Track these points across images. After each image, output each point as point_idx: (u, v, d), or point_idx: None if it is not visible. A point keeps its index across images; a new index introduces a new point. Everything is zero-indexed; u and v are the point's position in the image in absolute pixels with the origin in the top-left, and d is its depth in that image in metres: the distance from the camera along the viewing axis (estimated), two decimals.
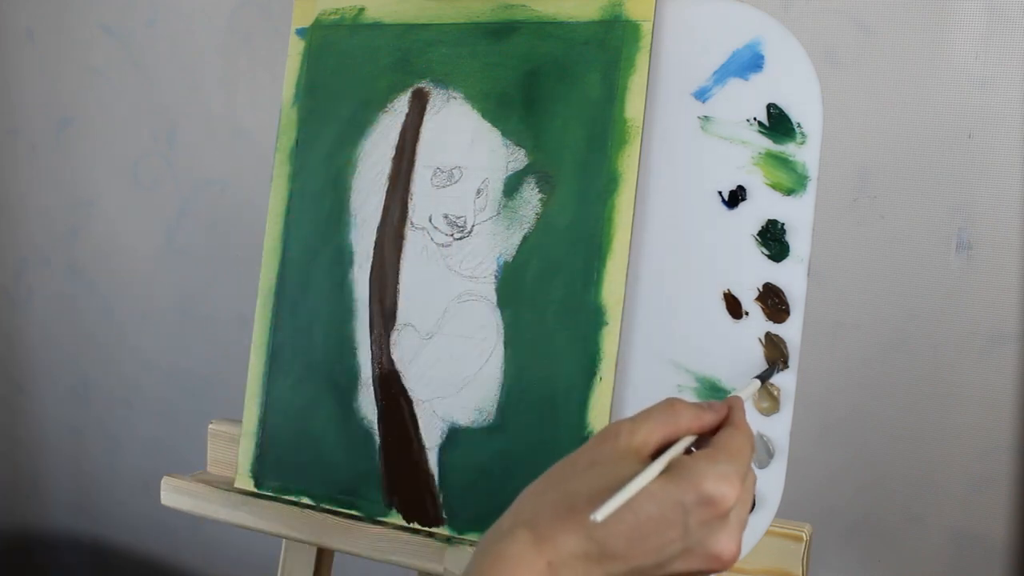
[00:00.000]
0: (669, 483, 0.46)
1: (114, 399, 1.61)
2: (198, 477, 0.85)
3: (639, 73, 0.70)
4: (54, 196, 1.61)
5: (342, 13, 0.81)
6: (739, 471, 0.46)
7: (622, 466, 0.47)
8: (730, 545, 0.46)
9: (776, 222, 0.66)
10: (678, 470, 0.46)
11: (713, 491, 0.45)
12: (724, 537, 0.46)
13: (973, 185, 0.97)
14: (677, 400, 0.51)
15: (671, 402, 0.50)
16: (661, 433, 0.49)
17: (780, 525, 0.65)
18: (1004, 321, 0.97)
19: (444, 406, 0.74)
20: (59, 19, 1.55)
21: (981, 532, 1.00)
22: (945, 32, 0.96)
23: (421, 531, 0.74)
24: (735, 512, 0.47)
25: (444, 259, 0.75)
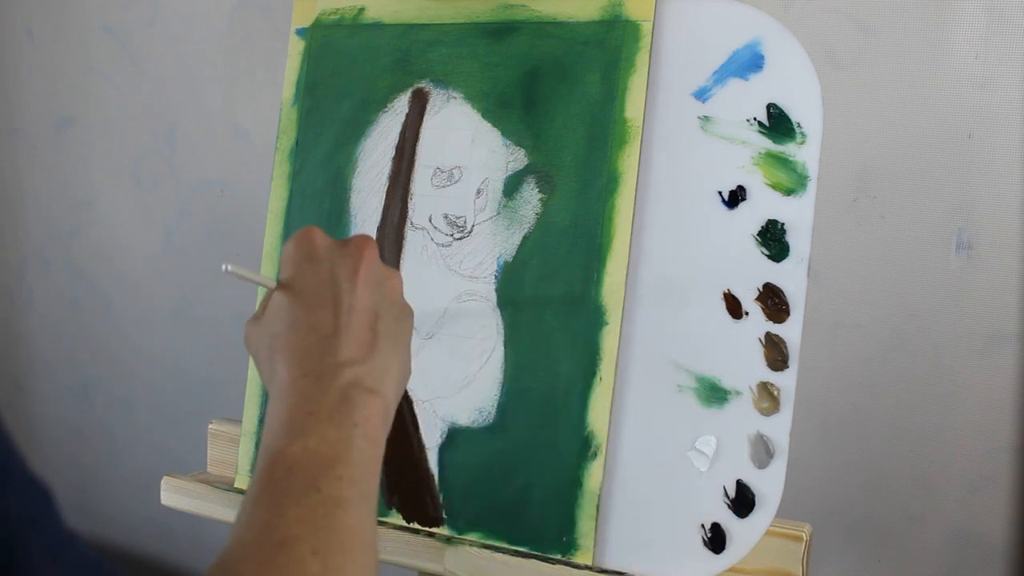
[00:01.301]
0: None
1: (114, 399, 1.61)
2: (198, 477, 0.85)
3: (639, 73, 0.70)
4: (54, 196, 1.61)
5: (342, 13, 0.81)
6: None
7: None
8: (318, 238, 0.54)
9: (776, 222, 0.66)
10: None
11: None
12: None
13: (973, 185, 0.97)
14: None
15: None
16: None
17: (780, 525, 0.65)
18: (1004, 321, 0.97)
19: (444, 406, 0.74)
20: (59, 19, 1.55)
21: (981, 532, 1.00)
22: (945, 32, 0.96)
23: (421, 531, 0.74)
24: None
25: (444, 259, 0.75)
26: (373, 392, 0.50)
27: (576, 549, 0.69)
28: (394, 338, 0.54)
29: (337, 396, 0.49)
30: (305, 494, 0.45)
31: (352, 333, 0.51)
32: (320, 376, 0.50)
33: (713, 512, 0.66)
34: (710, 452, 0.66)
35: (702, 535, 0.66)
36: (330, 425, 0.48)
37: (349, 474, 0.47)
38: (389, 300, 0.54)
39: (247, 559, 0.43)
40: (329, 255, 0.53)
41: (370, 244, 0.54)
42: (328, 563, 0.43)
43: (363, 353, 0.51)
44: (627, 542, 0.68)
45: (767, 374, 0.66)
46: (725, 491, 0.66)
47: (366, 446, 0.49)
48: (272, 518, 0.44)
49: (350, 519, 0.46)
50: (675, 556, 0.67)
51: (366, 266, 0.53)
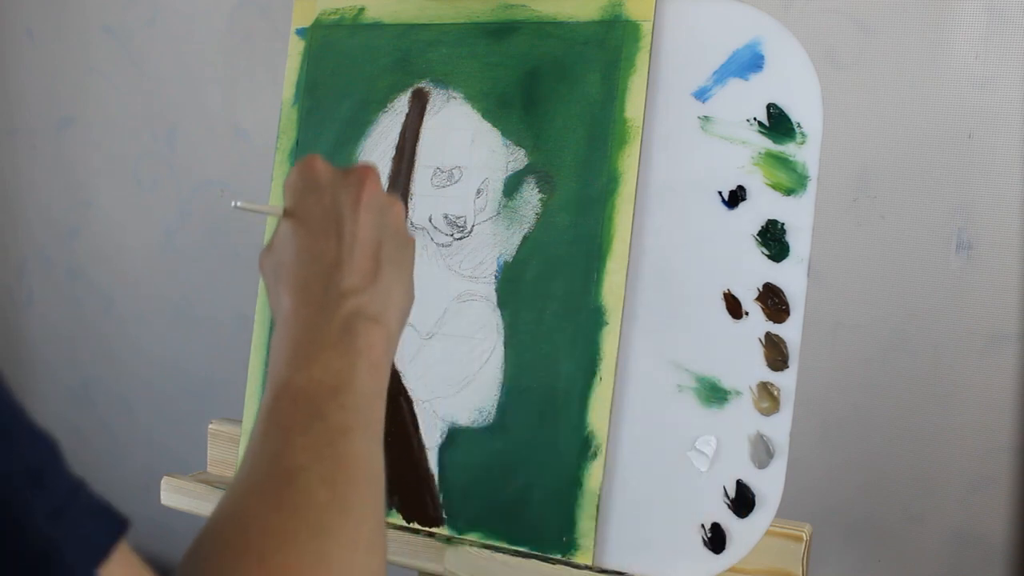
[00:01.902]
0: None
1: (114, 399, 1.61)
2: (198, 477, 0.85)
3: (639, 73, 0.70)
4: (54, 196, 1.61)
5: (342, 13, 0.81)
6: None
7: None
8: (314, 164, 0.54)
9: (776, 222, 0.66)
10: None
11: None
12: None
13: (973, 185, 0.97)
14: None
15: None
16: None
17: (780, 525, 0.65)
18: (1004, 321, 0.97)
19: (444, 406, 0.74)
20: (59, 19, 1.55)
21: (981, 532, 1.00)
22: (945, 32, 0.96)
23: (421, 531, 0.74)
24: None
25: (444, 259, 0.75)
26: (376, 320, 0.50)
27: (576, 549, 0.69)
28: (396, 266, 0.54)
29: (340, 325, 0.49)
30: (310, 423, 0.45)
31: (355, 262, 0.51)
32: (323, 306, 0.50)
33: (713, 512, 0.66)
34: (710, 452, 0.66)
35: (702, 535, 0.66)
36: (333, 354, 0.48)
37: (353, 402, 0.47)
38: (391, 228, 0.54)
39: (256, 490, 0.43)
40: (331, 184, 0.53)
41: (372, 173, 0.54)
42: (336, 491, 0.44)
43: (365, 282, 0.51)
44: (627, 542, 0.68)
45: (767, 374, 0.66)
46: (725, 491, 0.66)
47: (370, 374, 0.49)
48: (279, 448, 0.45)
49: (356, 447, 0.46)
50: (675, 556, 0.67)
51: (368, 194, 0.53)
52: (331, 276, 0.51)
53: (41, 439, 0.32)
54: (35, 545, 0.30)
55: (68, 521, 0.31)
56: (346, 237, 0.51)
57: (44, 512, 0.31)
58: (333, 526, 0.42)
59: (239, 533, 0.42)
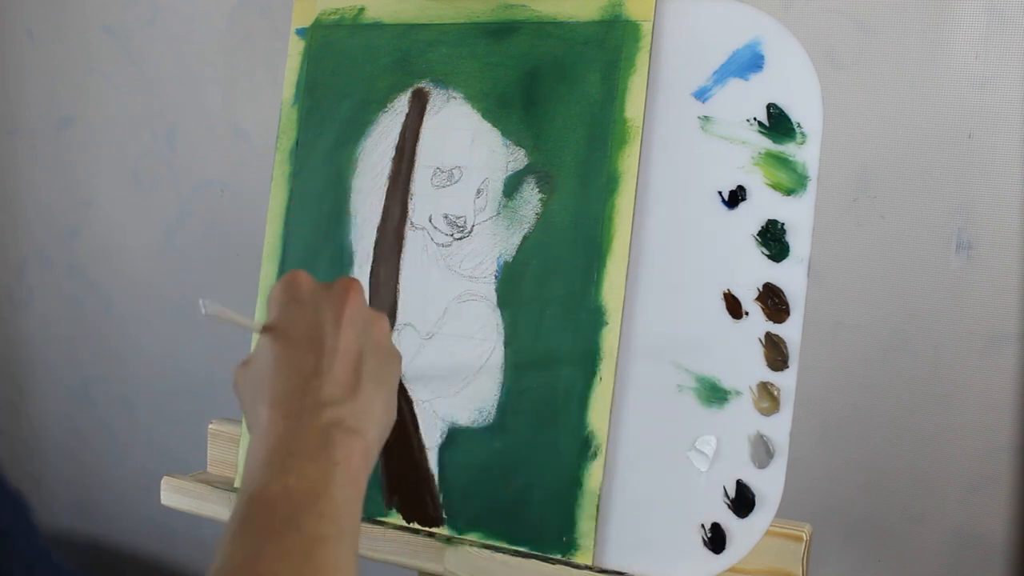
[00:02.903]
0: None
1: (114, 399, 1.61)
2: (198, 477, 0.85)
3: (639, 73, 0.70)
4: (54, 196, 1.61)
5: (342, 13, 0.81)
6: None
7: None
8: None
9: (776, 222, 0.66)
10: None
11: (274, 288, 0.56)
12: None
13: (973, 185, 0.97)
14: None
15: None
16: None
17: (780, 525, 0.65)
18: (1004, 321, 0.97)
19: (444, 406, 0.74)
20: (59, 19, 1.55)
21: (981, 532, 1.00)
22: (945, 32, 0.96)
23: (421, 531, 0.74)
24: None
25: (444, 259, 0.75)
26: (354, 432, 0.50)
27: (576, 549, 0.69)
28: (378, 380, 0.54)
29: (318, 435, 0.49)
30: (285, 531, 0.45)
31: (335, 374, 0.51)
32: (301, 415, 0.50)
33: (713, 512, 0.66)
34: (710, 452, 0.66)
35: (702, 535, 0.66)
36: (310, 464, 0.48)
37: (330, 512, 0.47)
38: (374, 343, 0.54)
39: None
40: (314, 297, 0.54)
41: (355, 286, 0.54)
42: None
43: (345, 393, 0.51)
44: (627, 542, 0.68)
45: (767, 374, 0.66)
46: (725, 491, 0.66)
47: (346, 485, 0.49)
48: (251, 555, 0.44)
49: (330, 557, 0.46)
50: (675, 556, 0.67)
51: (351, 308, 0.53)
52: (310, 386, 0.50)
53: (13, 499, 0.32)
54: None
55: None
56: (327, 349, 0.51)
57: (20, 571, 0.31)
58: None
59: None
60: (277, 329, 0.53)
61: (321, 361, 0.51)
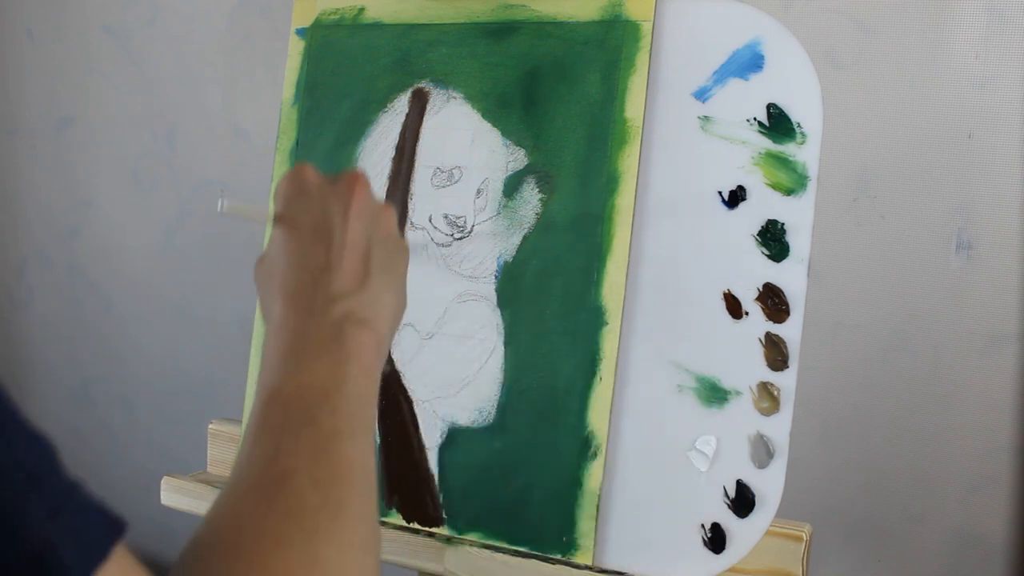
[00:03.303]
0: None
1: (114, 399, 1.61)
2: (198, 477, 0.85)
3: (639, 73, 0.70)
4: (54, 196, 1.61)
5: (342, 13, 0.81)
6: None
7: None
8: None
9: (776, 222, 0.66)
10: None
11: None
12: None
13: (973, 185, 0.97)
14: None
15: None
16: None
17: (780, 525, 0.65)
18: (1004, 321, 0.97)
19: (444, 406, 0.74)
20: (59, 19, 1.55)
21: (981, 532, 1.00)
22: (945, 32, 0.96)
23: (421, 531, 0.74)
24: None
25: (444, 259, 0.75)
26: (365, 324, 0.50)
27: (576, 549, 0.69)
28: (387, 271, 0.54)
29: (330, 330, 0.49)
30: (301, 428, 0.46)
31: (344, 267, 0.51)
32: (312, 311, 0.50)
33: (713, 512, 0.66)
34: (710, 452, 0.66)
35: (702, 535, 0.66)
36: (323, 359, 0.48)
37: (345, 407, 0.47)
38: (382, 234, 0.55)
39: (249, 493, 0.43)
40: (321, 191, 0.54)
41: (362, 179, 0.54)
42: (328, 494, 0.44)
43: (355, 286, 0.51)
44: (627, 542, 0.68)
45: (767, 374, 0.66)
46: (725, 491, 0.66)
47: (360, 378, 0.49)
48: (270, 453, 0.45)
49: (347, 451, 0.46)
50: (675, 556, 0.67)
51: (358, 200, 0.53)
52: (320, 281, 0.51)
53: (37, 440, 0.32)
54: (30, 546, 0.30)
55: (65, 522, 0.31)
56: (335, 243, 0.52)
57: (41, 513, 0.31)
58: (326, 528, 0.42)
59: (233, 536, 0.42)
60: (286, 220, 0.53)
61: (330, 255, 0.52)
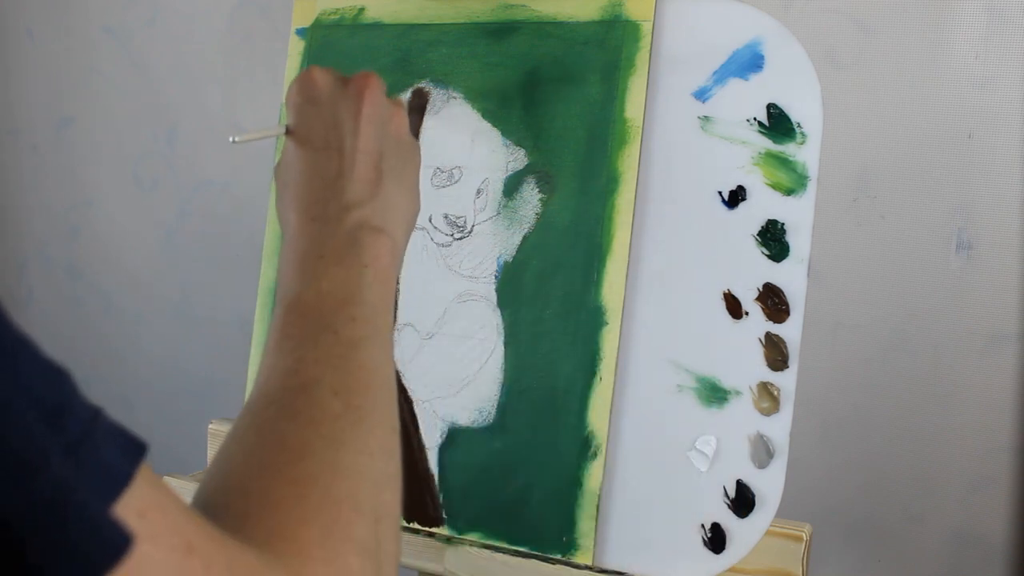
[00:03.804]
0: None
1: (114, 399, 1.61)
2: (198, 477, 0.85)
3: (639, 73, 0.70)
4: (54, 196, 1.61)
5: (342, 13, 0.81)
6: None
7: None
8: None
9: (776, 222, 0.66)
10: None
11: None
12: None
13: (973, 185, 0.97)
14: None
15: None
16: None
17: (780, 525, 0.65)
18: (1004, 321, 0.97)
19: (444, 406, 0.74)
20: (59, 19, 1.55)
21: (981, 532, 1.00)
22: (945, 32, 0.96)
23: (421, 531, 0.74)
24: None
25: (444, 259, 0.75)
26: (380, 231, 0.51)
27: (576, 549, 0.69)
28: (399, 176, 0.54)
29: (345, 238, 0.49)
30: (321, 336, 0.46)
31: (356, 174, 0.51)
32: (327, 220, 0.50)
33: (713, 512, 0.66)
34: (710, 452, 0.66)
35: (702, 535, 0.66)
36: (340, 267, 0.49)
37: (362, 313, 0.48)
38: (394, 138, 0.55)
39: (271, 404, 0.44)
40: (331, 96, 0.53)
41: (372, 82, 0.54)
42: (350, 401, 0.44)
43: (368, 193, 0.51)
44: (627, 542, 0.68)
45: (767, 374, 0.66)
46: (725, 491, 0.66)
47: (377, 284, 0.49)
48: (291, 362, 0.45)
49: (366, 358, 0.46)
50: (675, 556, 0.67)
51: (369, 105, 0.53)
52: (333, 190, 0.51)
53: (52, 371, 0.31)
54: (45, 490, 0.29)
55: (85, 455, 0.31)
56: (347, 150, 0.52)
57: (59, 450, 0.30)
58: (347, 436, 0.43)
59: (257, 445, 0.42)
60: (297, 133, 0.53)
61: (342, 163, 0.52)
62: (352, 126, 0.52)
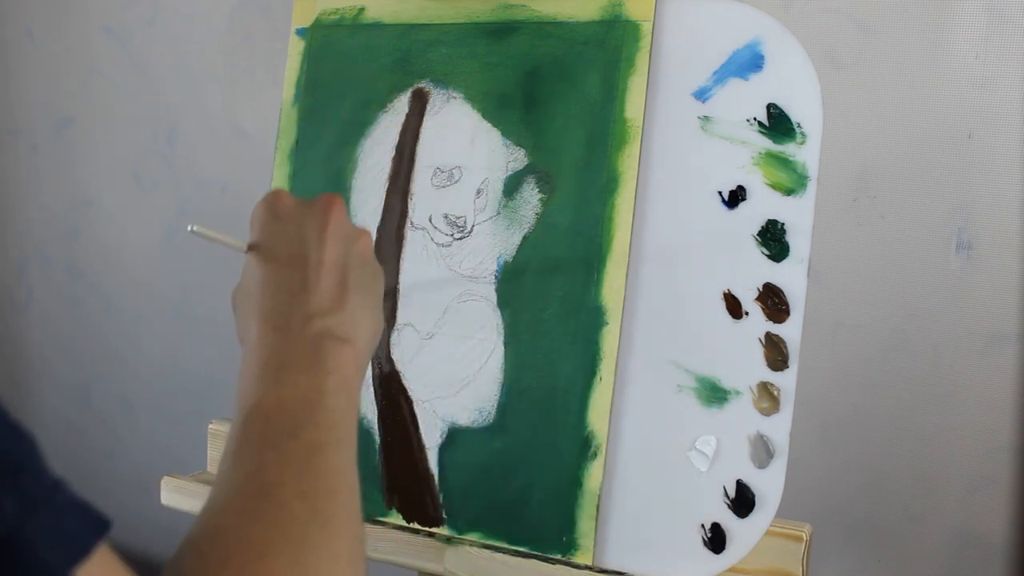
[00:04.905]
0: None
1: (114, 399, 1.61)
2: (198, 477, 0.85)
3: (639, 73, 0.70)
4: (54, 196, 1.61)
5: (342, 13, 0.81)
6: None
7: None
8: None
9: (776, 222, 0.66)
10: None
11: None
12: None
13: (973, 185, 0.97)
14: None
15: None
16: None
17: (780, 525, 0.65)
18: (1004, 321, 0.97)
19: (444, 406, 0.74)
20: (59, 19, 1.55)
21: (981, 532, 1.00)
22: (945, 32, 0.96)
23: (421, 531, 0.74)
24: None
25: (444, 259, 0.75)
26: (344, 340, 0.50)
27: (576, 549, 0.69)
28: (364, 293, 0.54)
29: (308, 346, 0.49)
30: (284, 441, 0.45)
31: (321, 287, 0.51)
32: (290, 330, 0.50)
33: (713, 512, 0.66)
34: (710, 452, 0.66)
35: (702, 535, 0.66)
36: (303, 374, 0.48)
37: (326, 420, 0.47)
38: (358, 257, 0.54)
39: (232, 506, 0.43)
40: (297, 214, 0.53)
41: (337, 201, 0.54)
42: (315, 505, 0.43)
43: (333, 304, 0.51)
44: (627, 542, 0.68)
45: (767, 374, 0.66)
46: (725, 491, 0.66)
47: (340, 392, 0.49)
48: (253, 466, 0.44)
49: (332, 462, 0.46)
50: (675, 556, 0.67)
51: (334, 223, 0.53)
52: (298, 300, 0.50)
53: (17, 433, 0.31)
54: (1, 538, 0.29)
55: (46, 518, 0.31)
56: (312, 263, 0.51)
57: (16, 507, 0.30)
58: (312, 538, 0.42)
59: (218, 546, 0.41)
60: (261, 248, 0.53)
61: (307, 275, 0.51)
62: (318, 240, 0.52)
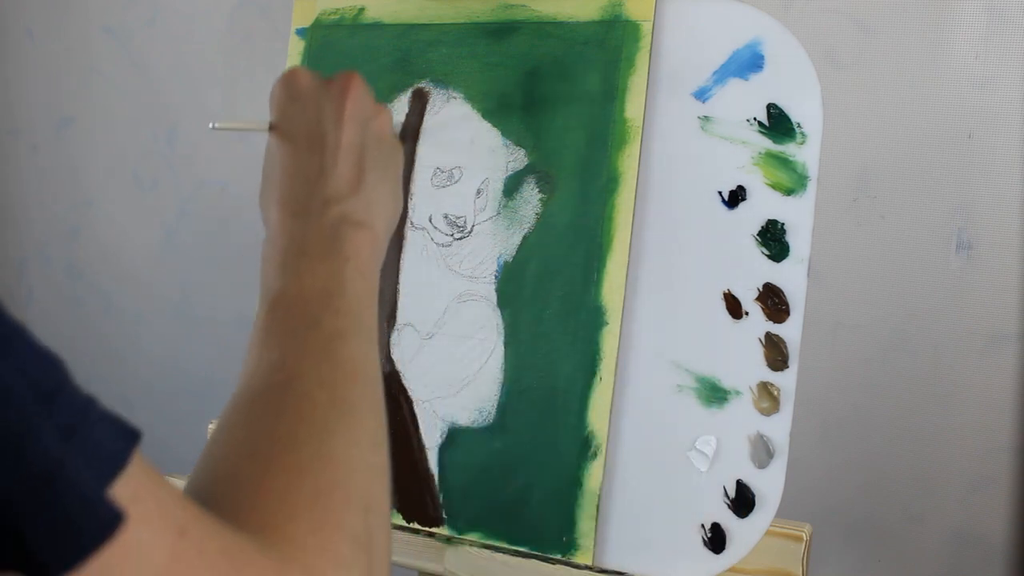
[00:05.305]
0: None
1: (114, 399, 1.60)
2: None
3: (639, 73, 0.70)
4: (54, 196, 1.61)
5: (342, 13, 0.81)
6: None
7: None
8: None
9: (776, 222, 0.66)
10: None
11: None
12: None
13: (973, 185, 0.97)
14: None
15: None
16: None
17: (780, 525, 0.65)
18: (1004, 321, 0.97)
19: (444, 406, 0.74)
20: (59, 19, 1.55)
21: (981, 532, 1.00)
22: (945, 32, 0.96)
23: (421, 531, 0.74)
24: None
25: (444, 259, 0.75)
26: (362, 225, 0.51)
27: (576, 549, 0.69)
28: (382, 173, 0.54)
29: (327, 232, 0.50)
30: (305, 330, 0.46)
31: (338, 171, 0.52)
32: (308, 215, 0.50)
33: (713, 512, 0.66)
34: (710, 452, 0.66)
35: (702, 535, 0.66)
36: (322, 261, 0.49)
37: (346, 307, 0.48)
38: (376, 136, 0.55)
39: (258, 399, 0.44)
40: (315, 94, 0.54)
41: (355, 80, 0.54)
42: (336, 393, 0.44)
43: (350, 189, 0.52)
44: (627, 542, 0.68)
45: (767, 374, 0.66)
46: (725, 491, 0.66)
47: (359, 278, 0.49)
48: (276, 358, 0.45)
49: (351, 350, 0.47)
50: (675, 556, 0.67)
51: (351, 103, 0.53)
52: (315, 186, 0.51)
53: (48, 358, 0.32)
54: (42, 467, 0.30)
55: (82, 439, 0.31)
56: (329, 147, 0.52)
57: (55, 432, 0.30)
58: (335, 426, 0.43)
59: (246, 439, 0.42)
60: (280, 130, 0.53)
61: (324, 159, 0.52)
62: (335, 123, 0.52)
